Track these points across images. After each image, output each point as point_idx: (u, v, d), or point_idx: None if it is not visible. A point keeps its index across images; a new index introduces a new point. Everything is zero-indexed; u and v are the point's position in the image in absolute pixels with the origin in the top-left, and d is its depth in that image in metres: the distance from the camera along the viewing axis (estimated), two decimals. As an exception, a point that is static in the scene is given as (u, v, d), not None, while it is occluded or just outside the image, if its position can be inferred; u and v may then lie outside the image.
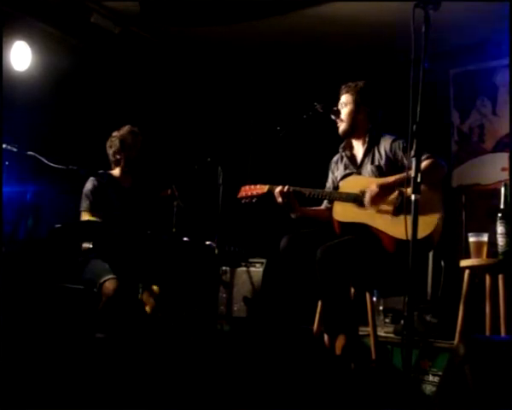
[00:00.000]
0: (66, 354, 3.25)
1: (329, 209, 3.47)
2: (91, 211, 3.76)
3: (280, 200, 3.37)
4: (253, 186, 3.52)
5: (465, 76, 5.37)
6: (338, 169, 3.60)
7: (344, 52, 5.33)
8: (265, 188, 3.46)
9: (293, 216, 3.46)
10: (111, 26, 4.95)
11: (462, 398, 1.77)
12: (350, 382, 3.00)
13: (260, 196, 3.47)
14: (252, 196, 3.50)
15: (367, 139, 3.44)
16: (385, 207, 3.20)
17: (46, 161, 3.51)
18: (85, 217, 3.75)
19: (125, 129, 3.97)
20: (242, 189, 3.54)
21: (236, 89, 6.00)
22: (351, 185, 3.37)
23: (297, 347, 3.50)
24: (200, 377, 3.07)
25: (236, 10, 4.79)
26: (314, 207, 3.56)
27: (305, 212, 3.50)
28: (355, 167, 3.48)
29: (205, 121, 5.76)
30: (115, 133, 3.97)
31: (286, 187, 3.37)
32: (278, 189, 3.38)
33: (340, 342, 3.06)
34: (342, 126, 3.47)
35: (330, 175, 3.66)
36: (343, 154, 3.58)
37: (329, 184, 3.65)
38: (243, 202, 3.53)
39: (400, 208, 3.13)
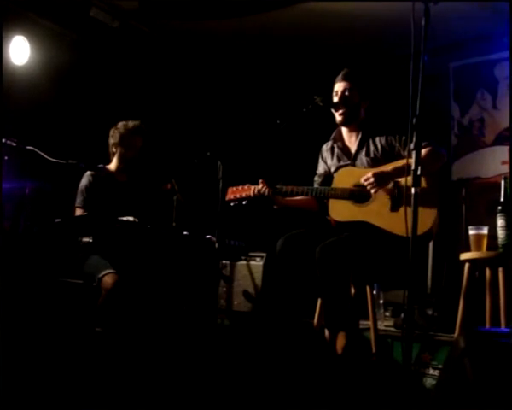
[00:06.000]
0: (66, 348, 3.25)
1: (315, 198, 3.45)
2: (84, 207, 3.77)
3: (257, 195, 3.36)
4: (240, 187, 3.46)
5: (465, 69, 5.36)
6: (330, 159, 3.55)
7: (343, 46, 5.31)
8: (252, 188, 3.40)
9: (275, 207, 3.44)
10: (110, 21, 4.95)
11: (462, 391, 1.78)
12: (350, 375, 3.00)
13: (251, 198, 3.41)
14: (241, 199, 3.42)
15: (361, 131, 3.42)
16: (381, 202, 3.18)
17: (45, 156, 3.50)
18: (78, 213, 3.75)
19: (130, 125, 3.92)
20: (229, 190, 3.46)
21: (236, 82, 5.99)
22: (344, 178, 3.34)
23: (297, 340, 3.50)
24: (200, 371, 3.07)
25: (235, 4, 4.79)
26: (298, 197, 3.48)
27: (288, 203, 3.46)
28: (348, 159, 3.44)
29: (204, 115, 5.76)
30: (120, 125, 3.94)
31: (263, 189, 3.36)
32: (257, 189, 3.37)
33: (340, 341, 3.06)
34: (344, 114, 3.38)
35: (322, 163, 3.62)
36: (335, 145, 3.54)
37: (321, 171, 3.60)
38: (232, 204, 3.45)
39: (397, 203, 3.13)
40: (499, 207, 3.19)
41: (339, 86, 3.40)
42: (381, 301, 4.04)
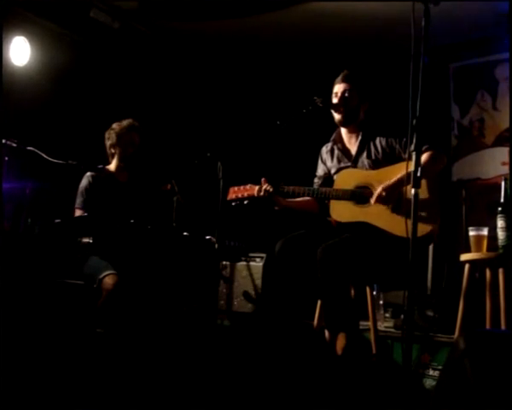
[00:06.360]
0: (67, 350, 3.25)
1: (316, 200, 3.46)
2: (84, 208, 3.76)
3: (261, 194, 3.37)
4: (242, 187, 3.45)
5: (465, 70, 5.37)
6: (330, 160, 3.56)
7: (343, 47, 5.32)
8: (256, 188, 3.40)
9: (276, 208, 3.44)
10: (110, 21, 4.95)
11: (462, 392, 1.78)
12: (350, 376, 3.00)
13: (252, 198, 3.41)
14: (242, 198, 3.42)
15: (361, 133, 3.42)
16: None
17: (45, 156, 3.50)
18: (78, 214, 3.75)
19: (125, 123, 3.94)
20: (231, 190, 3.46)
21: (236, 83, 5.99)
22: (345, 180, 3.35)
23: (297, 341, 3.50)
24: (200, 372, 3.07)
25: (235, 5, 4.79)
26: (299, 199, 3.48)
27: (289, 204, 3.46)
28: (349, 161, 3.45)
29: (204, 116, 5.76)
30: (115, 125, 3.95)
31: (267, 187, 3.35)
32: (260, 188, 3.37)
33: (340, 341, 3.06)
34: (344, 115, 3.38)
35: (322, 165, 3.62)
36: (334, 146, 3.55)
37: (320, 173, 3.61)
38: (233, 204, 3.46)
39: (398, 204, 3.13)
40: (499, 208, 3.19)
41: (338, 88, 3.41)
42: (381, 302, 4.04)
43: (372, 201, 3.16)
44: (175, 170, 4.19)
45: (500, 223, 3.18)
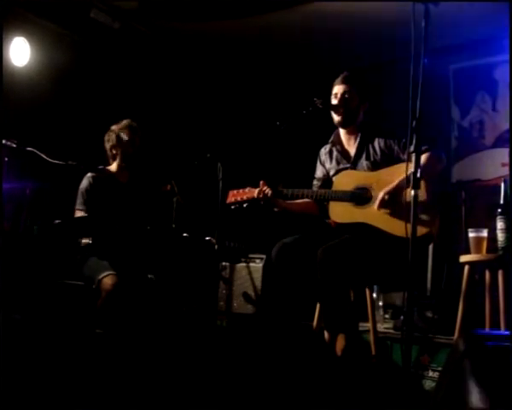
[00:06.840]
0: (66, 350, 3.25)
1: (315, 202, 3.46)
2: (84, 210, 3.76)
3: (261, 196, 3.36)
4: (241, 190, 3.44)
5: (465, 72, 5.37)
6: (329, 162, 3.56)
7: (343, 47, 5.32)
8: (255, 191, 3.39)
9: (276, 210, 3.44)
10: (110, 22, 4.95)
11: (461, 393, 1.77)
12: (350, 377, 3.00)
13: (252, 201, 3.40)
14: (242, 201, 3.41)
15: (360, 134, 3.42)
16: None
17: (45, 157, 3.51)
18: (78, 215, 3.75)
19: (124, 123, 3.94)
20: (230, 193, 3.46)
21: (236, 84, 5.99)
22: (345, 181, 3.34)
23: (297, 342, 3.50)
24: (200, 373, 3.07)
25: (235, 6, 4.79)
26: (299, 201, 3.47)
27: (288, 206, 3.46)
28: (348, 162, 3.44)
29: (204, 117, 5.76)
30: (114, 127, 3.95)
31: (266, 190, 3.34)
32: (260, 191, 3.37)
33: (340, 343, 3.06)
34: (343, 116, 3.38)
35: (320, 167, 3.62)
36: (333, 148, 3.55)
37: (319, 175, 3.60)
38: (233, 207, 3.45)
39: (397, 205, 3.13)
40: (499, 210, 3.19)
41: (338, 89, 3.40)
42: (381, 304, 4.04)
43: (375, 206, 3.15)
44: (175, 171, 4.19)
45: (500, 224, 3.18)
